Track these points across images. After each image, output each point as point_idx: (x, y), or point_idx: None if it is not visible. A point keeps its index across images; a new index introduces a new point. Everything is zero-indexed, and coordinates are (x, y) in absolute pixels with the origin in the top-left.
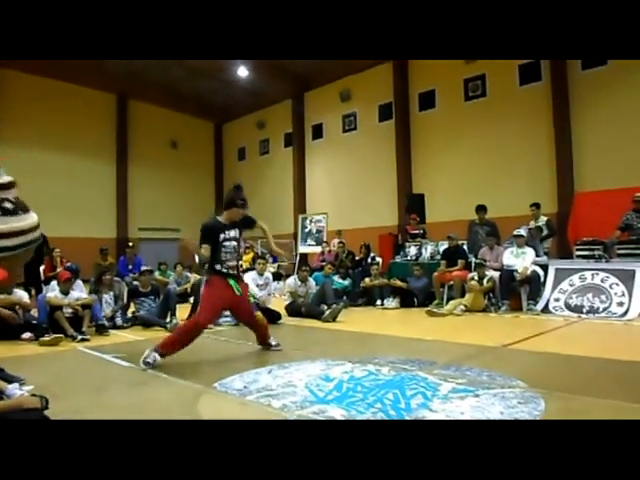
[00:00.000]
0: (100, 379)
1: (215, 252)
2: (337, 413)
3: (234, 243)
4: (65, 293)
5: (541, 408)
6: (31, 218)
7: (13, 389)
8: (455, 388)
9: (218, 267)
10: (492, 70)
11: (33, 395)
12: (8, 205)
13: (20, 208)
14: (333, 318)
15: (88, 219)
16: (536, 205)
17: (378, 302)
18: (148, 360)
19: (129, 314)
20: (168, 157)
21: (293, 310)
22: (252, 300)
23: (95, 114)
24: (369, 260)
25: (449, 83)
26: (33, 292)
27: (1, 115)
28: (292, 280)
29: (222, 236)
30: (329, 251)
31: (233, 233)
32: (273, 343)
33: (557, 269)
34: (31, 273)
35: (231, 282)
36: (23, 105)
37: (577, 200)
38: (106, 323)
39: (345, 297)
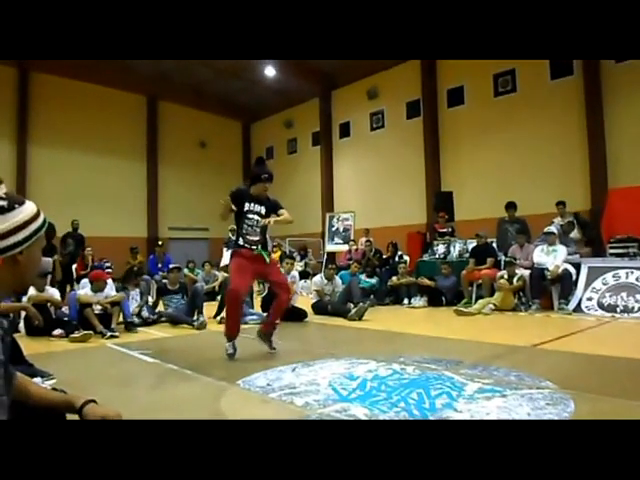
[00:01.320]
0: (126, 375)
1: (238, 222)
2: (360, 412)
3: (257, 217)
4: (96, 291)
5: (570, 409)
6: (29, 208)
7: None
8: (482, 388)
9: (241, 242)
10: (522, 64)
11: (54, 389)
12: (2, 203)
13: (15, 202)
14: (359, 317)
15: (120, 219)
16: (562, 203)
17: (405, 301)
18: (229, 352)
19: (157, 310)
20: (197, 157)
21: (319, 308)
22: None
23: (126, 115)
24: (396, 258)
25: (478, 79)
26: (68, 289)
27: (32, 117)
28: (319, 278)
29: (247, 206)
30: (356, 249)
31: (258, 208)
32: (272, 340)
33: (590, 267)
34: (67, 272)
35: (257, 251)
36: (54, 107)
37: (611, 196)
38: (135, 320)
39: (372, 296)
